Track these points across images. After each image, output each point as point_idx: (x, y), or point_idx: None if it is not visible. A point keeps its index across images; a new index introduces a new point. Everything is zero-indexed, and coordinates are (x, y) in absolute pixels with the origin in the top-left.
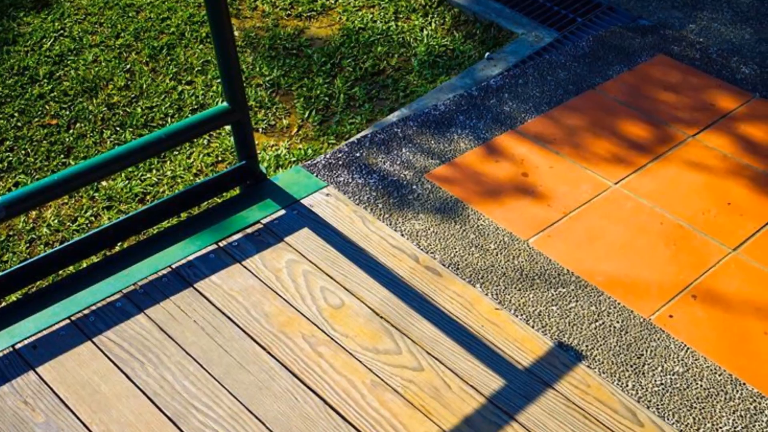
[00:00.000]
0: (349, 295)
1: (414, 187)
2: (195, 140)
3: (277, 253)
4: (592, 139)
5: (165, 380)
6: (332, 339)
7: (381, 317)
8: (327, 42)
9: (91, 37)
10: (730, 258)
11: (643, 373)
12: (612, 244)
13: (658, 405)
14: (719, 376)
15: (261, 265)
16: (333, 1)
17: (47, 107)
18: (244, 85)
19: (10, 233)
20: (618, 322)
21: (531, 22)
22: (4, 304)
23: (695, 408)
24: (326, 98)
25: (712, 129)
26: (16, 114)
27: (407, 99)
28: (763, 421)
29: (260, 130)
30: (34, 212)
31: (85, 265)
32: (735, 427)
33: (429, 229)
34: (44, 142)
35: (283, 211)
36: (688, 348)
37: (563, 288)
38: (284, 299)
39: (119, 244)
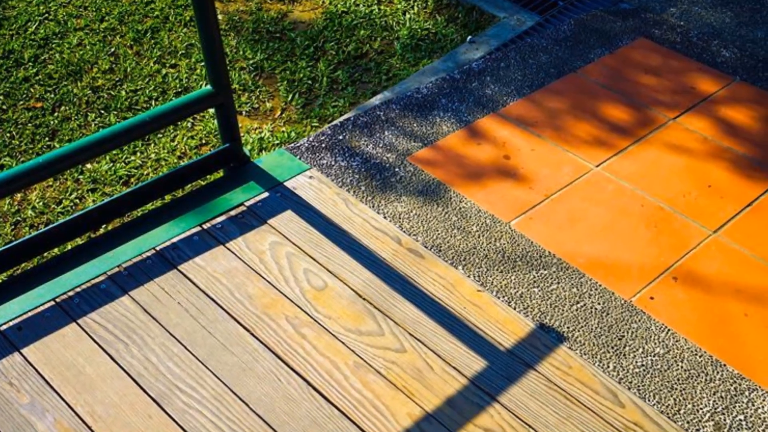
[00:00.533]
0: (332, 277)
1: (396, 169)
2: (179, 123)
3: (260, 235)
4: (574, 122)
5: (149, 361)
6: (315, 321)
7: (364, 299)
8: (310, 25)
9: (76, 20)
10: (710, 240)
11: (624, 355)
12: (593, 226)
13: (639, 386)
14: (700, 357)
15: (244, 247)
16: None
17: (32, 90)
18: (228, 68)
19: None
20: (599, 303)
21: (513, 5)
22: None
23: (676, 389)
24: (309, 81)
25: (693, 112)
26: (1, 97)
27: (390, 82)
28: (743, 402)
29: (244, 113)
30: (19, 195)
31: (69, 247)
32: (715, 408)
33: (411, 212)
34: (29, 125)
35: (266, 194)
36: (668, 329)
37: (545, 270)
38: (267, 281)
39: (104, 226)
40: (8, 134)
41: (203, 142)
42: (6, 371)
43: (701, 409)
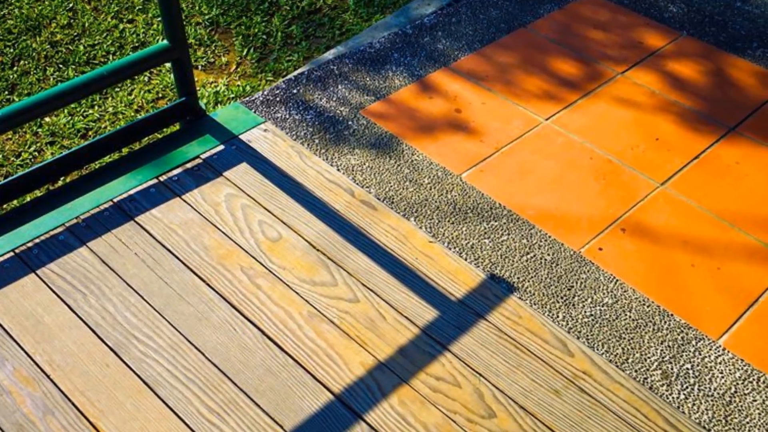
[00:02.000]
0: (286, 229)
1: (350, 123)
2: (136, 77)
3: (216, 188)
4: (524, 76)
5: (107, 311)
6: (270, 271)
7: (317, 250)
8: None
9: None
10: (658, 192)
11: (573, 305)
12: (543, 179)
13: (588, 335)
14: (647, 307)
15: (200, 199)
16: None
17: None
18: (184, 23)
19: None
20: (549, 254)
21: None
22: None
23: (624, 338)
24: (264, 36)
25: (641, 66)
26: None
27: (343, 37)
28: (690, 351)
29: (200, 67)
30: None
31: (28, 199)
32: (663, 357)
33: (364, 164)
34: None
35: (221, 147)
36: (617, 280)
37: (495, 221)
38: (223, 232)
39: (62, 178)
40: None
41: (160, 95)
42: None
43: (649, 358)
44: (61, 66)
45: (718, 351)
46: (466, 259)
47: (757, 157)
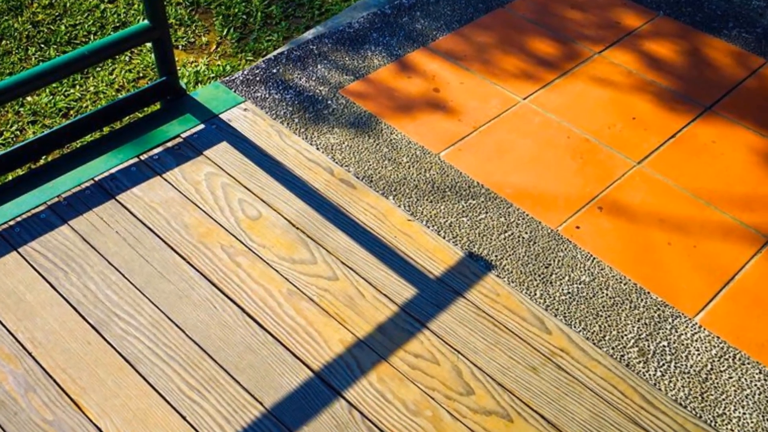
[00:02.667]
0: (266, 207)
1: (329, 102)
2: (117, 57)
3: (196, 166)
4: (502, 55)
5: (88, 289)
6: (250, 249)
7: (297, 228)
8: None
9: None
10: (634, 171)
11: (551, 283)
12: (520, 158)
13: (565, 313)
14: (624, 285)
15: (181, 178)
16: None
17: None
18: (165, 3)
19: None
20: (526, 233)
21: None
22: None
23: (601, 316)
24: (244, 16)
25: (618, 46)
26: None
27: (322, 17)
28: (666, 328)
29: (180, 47)
30: None
31: (10, 177)
32: (639, 335)
33: (343, 143)
34: None
35: (202, 126)
36: (594, 258)
37: (473, 200)
38: (203, 211)
39: (44, 157)
40: None
41: (141, 75)
42: None
43: (626, 335)
44: (42, 46)
45: (695, 328)
46: (444, 238)
47: (732, 136)
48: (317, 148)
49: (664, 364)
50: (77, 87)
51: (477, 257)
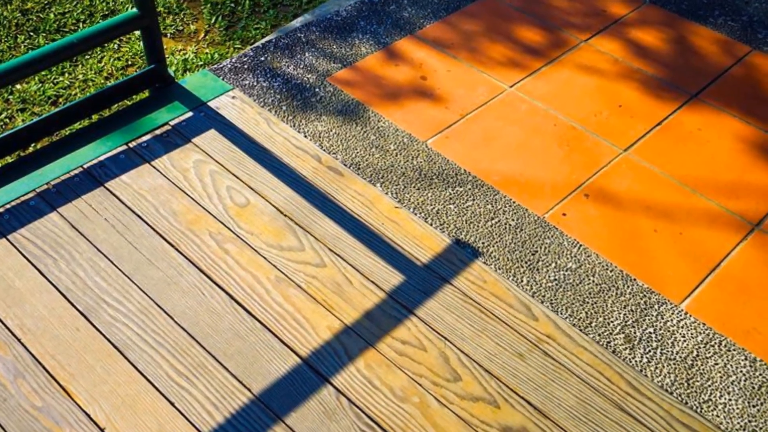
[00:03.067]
0: (254, 194)
1: (317, 90)
2: (106, 45)
3: (184, 154)
4: (488, 43)
5: (77, 276)
6: (238, 236)
7: (285, 215)
8: None
9: None
10: (621, 158)
11: (538, 269)
12: (507, 145)
13: (551, 300)
14: (611, 272)
15: (169, 165)
16: None
17: None
18: None
19: None
20: (513, 220)
21: None
22: None
23: (587, 303)
24: (232, 4)
25: (604, 34)
26: None
27: (310, 5)
28: (652, 315)
29: (168, 35)
30: None
31: None
32: (626, 321)
33: (331, 131)
34: None
35: (190, 113)
36: (580, 245)
37: (460, 187)
38: (192, 198)
39: (33, 145)
40: None
41: (129, 63)
42: None
43: (612, 322)
44: (31, 34)
45: (681, 315)
46: (431, 225)
47: (718, 124)
48: (305, 136)
49: (650, 351)
50: (66, 75)
51: (464, 244)
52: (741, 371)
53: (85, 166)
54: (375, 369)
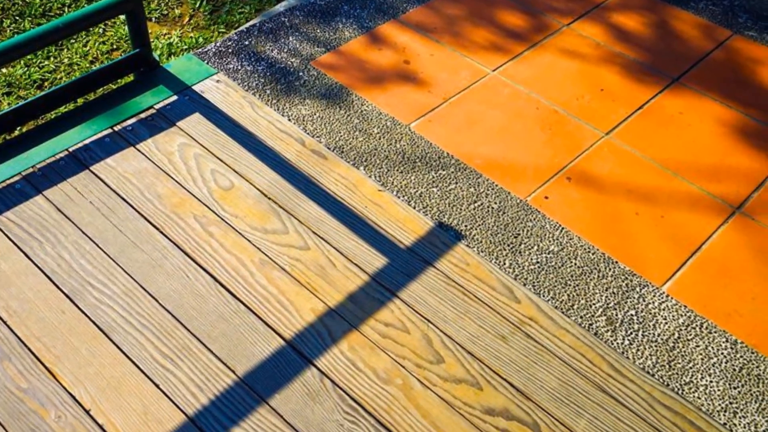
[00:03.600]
0: (238, 177)
1: (300, 74)
2: (91, 29)
3: (169, 137)
4: (471, 28)
5: (62, 259)
6: (222, 219)
7: (269, 198)
8: None
9: None
10: (603, 142)
11: (520, 252)
12: (490, 129)
13: (534, 282)
14: (593, 254)
15: (154, 149)
16: None
17: None
18: None
19: None
20: (496, 203)
21: None
22: None
23: (570, 285)
24: None
25: (586, 18)
26: None
27: None
28: (634, 297)
29: (153, 19)
30: None
31: None
32: (608, 303)
33: (315, 114)
34: None
35: (175, 97)
36: (562, 228)
37: (443, 170)
38: (176, 181)
39: (18, 128)
40: None
41: (114, 47)
42: None
43: (594, 304)
44: (17, 18)
45: (662, 297)
46: (414, 208)
47: (699, 108)
48: (289, 120)
49: (631, 333)
50: (52, 59)
51: (447, 227)
52: (722, 353)
53: (70, 150)
54: (358, 351)
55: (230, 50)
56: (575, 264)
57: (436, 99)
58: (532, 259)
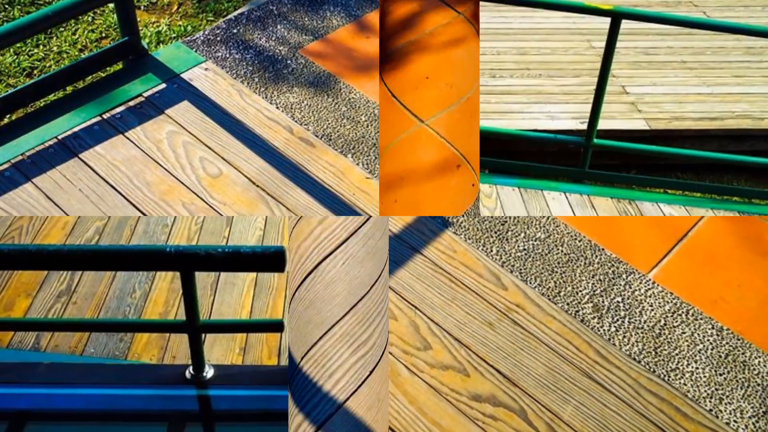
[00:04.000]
0: (226, 165)
1: (288, 62)
2: (80, 17)
3: (158, 125)
4: None
5: None
6: (211, 207)
7: (257, 186)
8: None
9: None
10: None
11: (507, 240)
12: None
13: (521, 269)
14: (579, 242)
15: (143, 136)
16: None
17: None
18: None
19: None
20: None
21: None
22: None
23: (556, 272)
24: None
25: None
26: None
27: None
28: (620, 284)
29: (142, 7)
30: None
31: None
32: (594, 290)
33: (303, 102)
34: None
35: (164, 85)
36: (549, 215)
37: None
38: (165, 169)
39: (8, 116)
40: None
41: (103, 35)
42: None
43: (580, 291)
44: (6, 6)
45: (648, 284)
46: None
47: None
48: (277, 107)
49: (618, 320)
50: (41, 47)
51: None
52: (708, 340)
53: (59, 137)
54: None
55: (218, 38)
56: (562, 251)
57: None
58: (519, 246)
